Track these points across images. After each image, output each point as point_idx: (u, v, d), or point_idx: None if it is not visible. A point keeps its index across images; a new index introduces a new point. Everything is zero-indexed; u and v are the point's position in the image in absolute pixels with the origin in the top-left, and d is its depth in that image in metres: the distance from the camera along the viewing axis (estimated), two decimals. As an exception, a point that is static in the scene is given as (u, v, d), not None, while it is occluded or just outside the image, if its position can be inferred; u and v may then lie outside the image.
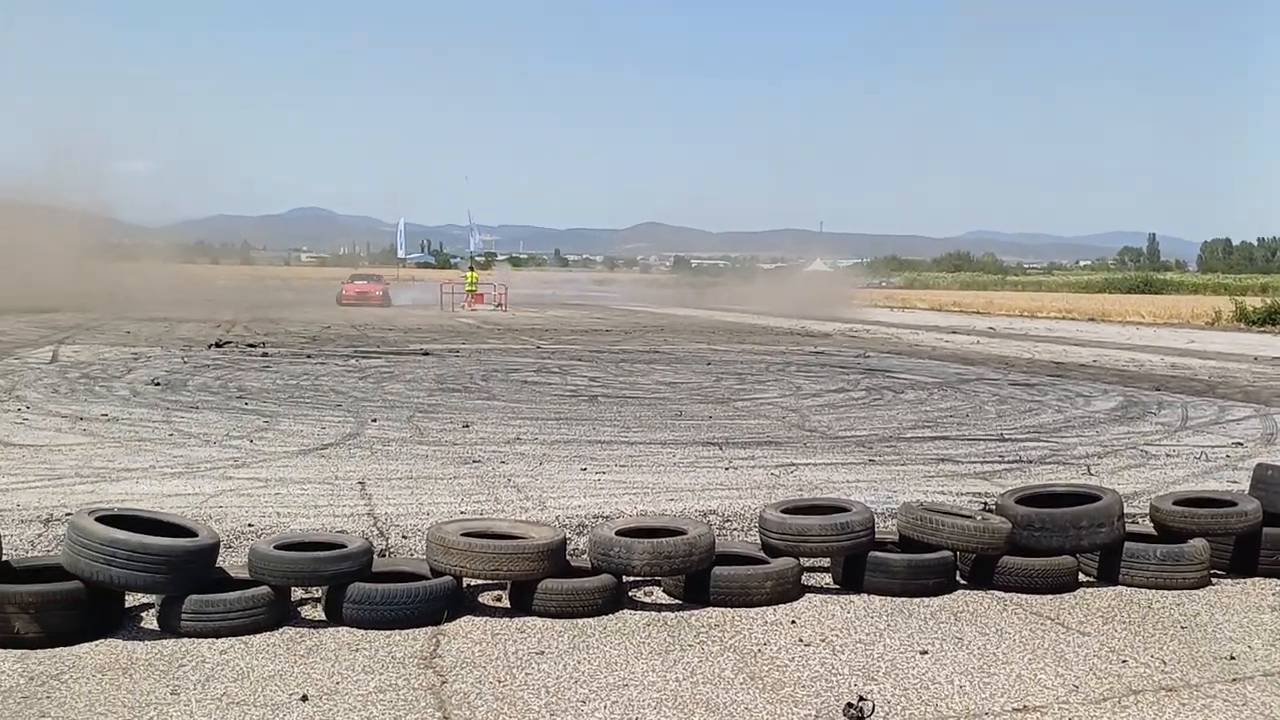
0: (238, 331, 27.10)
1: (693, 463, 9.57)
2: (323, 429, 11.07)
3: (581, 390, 15.24)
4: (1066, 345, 28.59)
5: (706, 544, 5.79)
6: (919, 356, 23.33)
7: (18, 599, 4.87)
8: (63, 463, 8.93)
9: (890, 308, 60.30)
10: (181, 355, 19.56)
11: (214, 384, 14.89)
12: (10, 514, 6.96)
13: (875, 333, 33.27)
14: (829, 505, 6.51)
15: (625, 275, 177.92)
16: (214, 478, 8.47)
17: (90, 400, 12.88)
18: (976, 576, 6.27)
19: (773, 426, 11.92)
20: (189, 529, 5.47)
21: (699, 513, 7.44)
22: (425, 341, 24.88)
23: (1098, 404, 14.67)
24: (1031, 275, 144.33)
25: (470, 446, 10.18)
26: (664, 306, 57.33)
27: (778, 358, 22.08)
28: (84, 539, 5.02)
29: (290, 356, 19.94)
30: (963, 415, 13.21)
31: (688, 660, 4.95)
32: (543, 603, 5.53)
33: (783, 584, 5.87)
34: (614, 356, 21.65)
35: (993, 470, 9.50)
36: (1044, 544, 6.25)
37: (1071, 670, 4.93)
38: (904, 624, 5.55)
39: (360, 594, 5.30)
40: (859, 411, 13.43)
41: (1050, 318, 49.72)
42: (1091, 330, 38.24)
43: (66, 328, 26.45)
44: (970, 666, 4.95)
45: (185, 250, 58.73)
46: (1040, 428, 12.24)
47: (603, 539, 5.80)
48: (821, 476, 9.04)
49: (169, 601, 5.13)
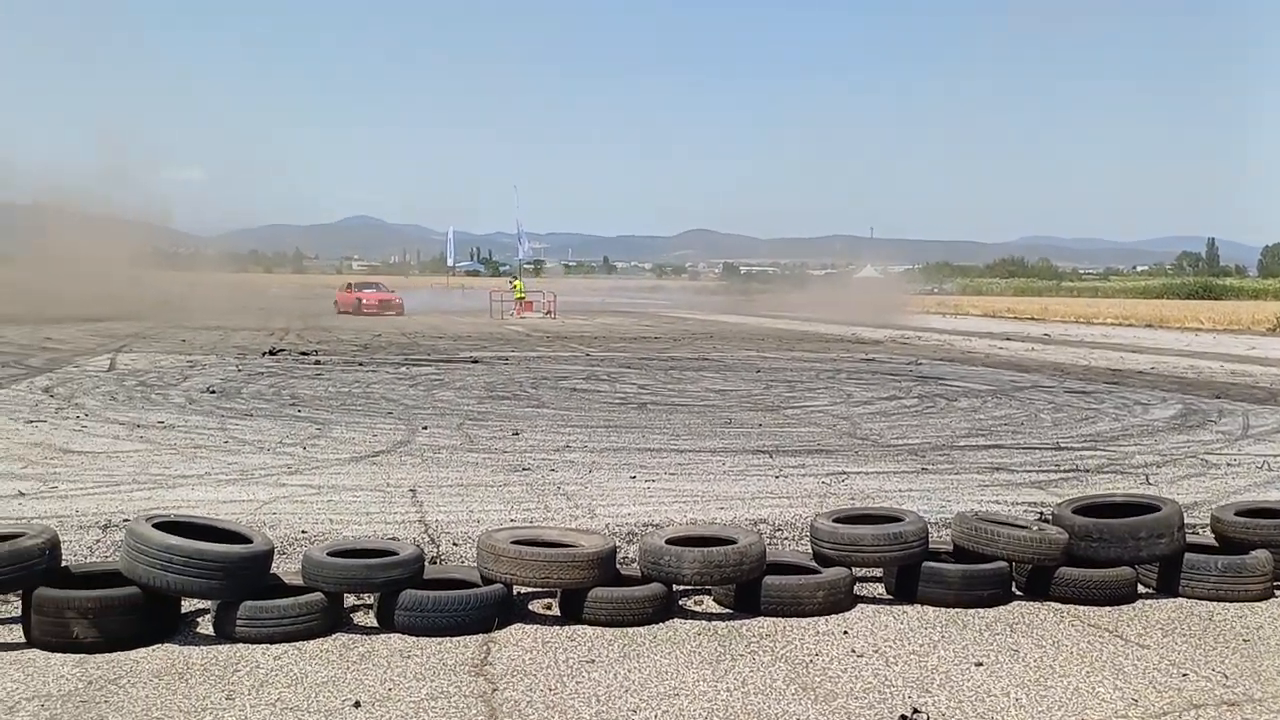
0: (290, 339, 27.43)
1: (743, 471, 9.53)
2: (374, 436, 11.16)
3: (631, 398, 15.25)
4: (1123, 352, 28.17)
5: (757, 553, 5.75)
6: (972, 363, 23.09)
7: (77, 604, 4.94)
8: (120, 469, 9.07)
9: (943, 314, 59.78)
10: (236, 363, 19.82)
11: (267, 391, 15.07)
12: (69, 520, 7.08)
13: (927, 339, 32.99)
14: (882, 514, 6.44)
15: (674, 282, 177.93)
16: (268, 484, 8.56)
17: (147, 408, 13.09)
18: (1033, 588, 6.17)
19: (823, 434, 11.84)
20: (244, 535, 5.53)
21: (749, 521, 7.41)
22: (475, 349, 25.03)
23: (1156, 412, 14.43)
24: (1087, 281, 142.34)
25: (520, 454, 10.21)
26: (713, 313, 57.24)
27: (828, 365, 21.95)
28: (142, 545, 5.08)
29: (342, 364, 20.14)
30: (1017, 423, 13.05)
31: (739, 670, 4.91)
32: (593, 611, 5.52)
33: (835, 594, 5.81)
34: (663, 364, 21.64)
35: (1048, 480, 9.37)
36: (1102, 555, 6.14)
37: (1131, 684, 4.84)
38: (959, 635, 5.47)
39: (412, 601, 5.32)
40: (911, 419, 13.31)
41: (1107, 324, 49.04)
42: (1149, 336, 37.66)
43: (123, 336, 26.90)
44: (1026, 679, 4.87)
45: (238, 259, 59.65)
46: (1097, 436, 12.06)
47: (653, 547, 5.78)
48: (873, 485, 8.97)
49: (224, 607, 5.18)
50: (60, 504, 7.66)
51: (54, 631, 4.94)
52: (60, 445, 10.21)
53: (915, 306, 63.59)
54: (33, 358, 20.12)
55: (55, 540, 5.24)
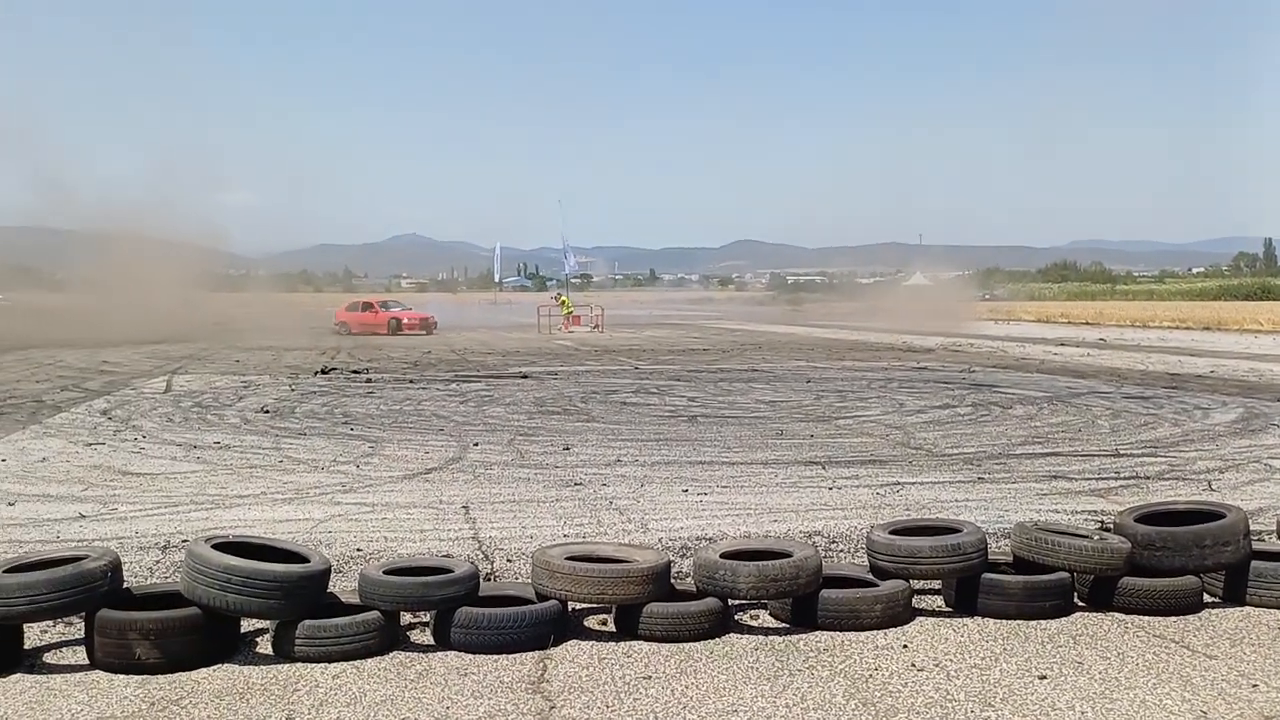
0: (342, 358, 27.68)
1: (795, 483, 9.46)
2: (426, 453, 11.21)
3: (680, 410, 15.21)
4: (1181, 355, 27.71)
5: (814, 566, 5.70)
6: (1026, 370, 22.81)
7: (139, 626, 5.01)
8: (178, 490, 9.19)
9: (995, 320, 59.18)
10: (289, 383, 20.04)
11: (321, 410, 15.21)
12: (129, 541, 7.17)
13: (980, 346, 32.65)
14: (939, 526, 6.37)
15: (721, 293, 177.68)
16: (323, 503, 8.63)
17: (203, 428, 13.26)
18: (1095, 598, 6.07)
19: (876, 445, 11.74)
20: (301, 555, 5.57)
21: (804, 534, 7.35)
22: (524, 364, 25.12)
23: (1217, 416, 14.16)
24: (1142, 284, 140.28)
25: (571, 469, 10.21)
26: (761, 324, 57.08)
27: (879, 374, 21.79)
28: (201, 566, 5.14)
29: (393, 382, 20.29)
30: (1075, 430, 12.85)
31: (797, 685, 4.86)
32: (648, 626, 5.49)
33: (893, 607, 5.75)
34: (712, 376, 21.58)
35: (1108, 487, 9.21)
36: (1166, 564, 6.03)
37: (1199, 695, 4.73)
38: (1021, 648, 5.39)
39: (468, 619, 5.33)
40: (966, 428, 13.16)
41: (1163, 327, 48.30)
42: (1207, 339, 37.01)
43: (178, 358, 27.30)
44: (1092, 692, 4.78)
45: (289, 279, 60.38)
46: (1157, 442, 11.85)
47: (707, 562, 5.75)
48: (929, 496, 8.87)
49: (283, 626, 5.23)
50: (120, 525, 7.76)
51: (117, 653, 5.00)
52: (119, 467, 10.36)
53: (967, 313, 63.00)
54: (90, 381, 20.48)
55: (117, 562, 5.31)
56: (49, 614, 5.10)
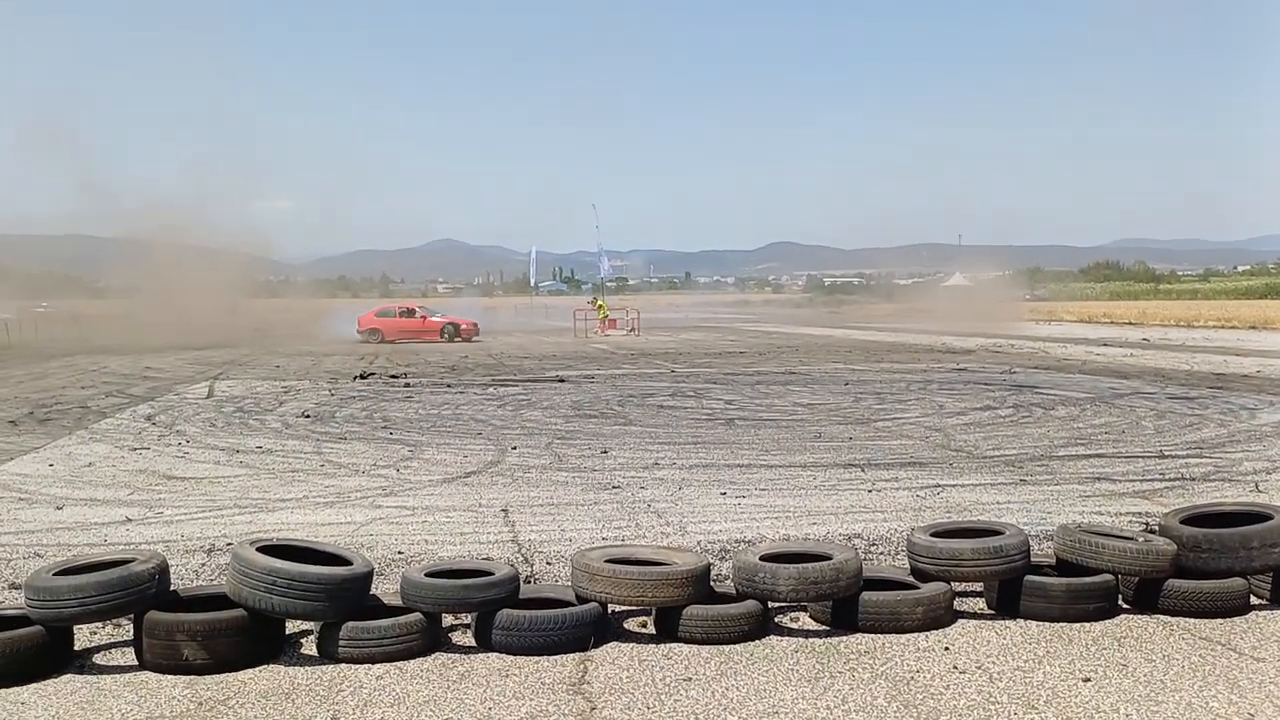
0: (380, 363, 27.87)
1: (834, 485, 9.43)
2: (465, 457, 11.28)
3: (718, 413, 15.20)
4: (1227, 355, 27.35)
5: (854, 569, 5.68)
6: (1068, 371, 22.60)
7: (186, 627, 5.08)
8: (222, 494, 9.30)
9: (1036, 320, 58.65)
10: (329, 388, 20.21)
11: (360, 415, 15.33)
12: (176, 544, 7.27)
13: (1020, 347, 32.37)
14: (980, 528, 6.33)
15: (758, 296, 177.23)
16: (364, 506, 8.70)
17: (245, 433, 13.40)
18: (1140, 600, 6.01)
19: (916, 447, 11.68)
20: (344, 557, 5.63)
21: (843, 536, 7.33)
22: (560, 368, 25.18)
23: (1264, 416, 13.96)
24: (1186, 282, 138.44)
25: (609, 472, 10.23)
26: (798, 326, 56.88)
27: (918, 376, 21.66)
28: (246, 568, 5.20)
29: (431, 386, 20.41)
30: (1118, 431, 12.72)
31: (838, 688, 4.85)
32: (688, 629, 5.50)
33: (934, 609, 5.72)
34: (749, 379, 21.54)
35: (1153, 489, 9.12)
36: (1212, 566, 5.97)
37: (1246, 698, 4.68)
38: (1064, 650, 5.34)
39: (509, 620, 5.35)
40: (1007, 429, 13.06)
41: (1208, 327, 47.66)
42: (1253, 339, 36.49)
43: (220, 363, 27.60)
44: (1137, 695, 4.73)
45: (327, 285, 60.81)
46: (1202, 443, 11.71)
47: (747, 564, 5.74)
48: (970, 498, 8.81)
49: (327, 628, 5.28)
50: (166, 529, 7.87)
51: (165, 654, 5.07)
52: (164, 472, 10.50)
53: (1008, 314, 62.48)
54: (134, 387, 20.76)
55: (164, 565, 5.39)
56: (98, 616, 5.18)
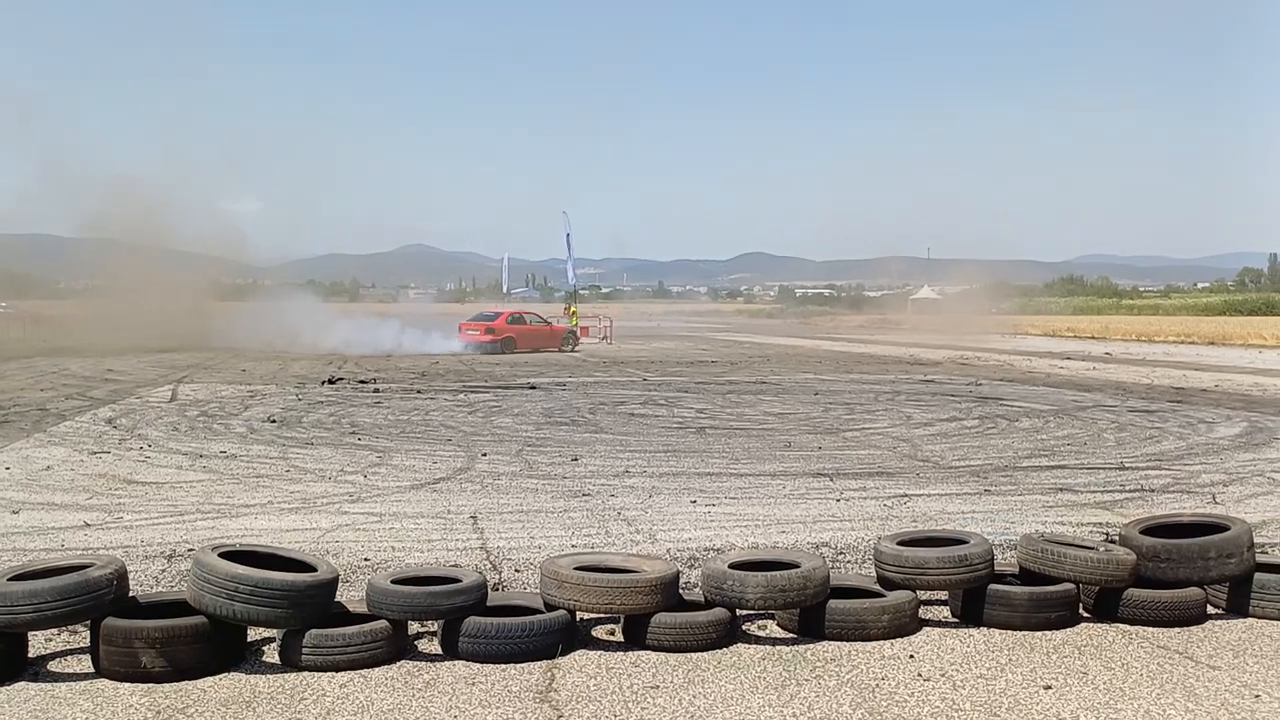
0: (349, 368, 27.71)
1: (803, 494, 9.47)
2: (434, 464, 11.23)
3: (689, 422, 15.22)
4: (1186, 370, 27.67)
5: (821, 577, 5.70)
6: (1033, 383, 22.80)
7: (145, 634, 5.00)
8: (184, 499, 9.21)
9: (1001, 334, 59.09)
10: (295, 392, 20.06)
11: (328, 420, 15.24)
12: (135, 550, 7.20)
13: (986, 360, 32.62)
14: (946, 537, 6.36)
15: (730, 306, 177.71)
16: (330, 513, 8.65)
17: (209, 438, 13.28)
18: (1101, 609, 6.07)
19: (884, 457, 11.74)
20: (308, 564, 5.57)
21: (811, 545, 7.36)
22: (531, 375, 25.14)
23: (1221, 430, 14.14)
24: (1148, 298, 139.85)
25: (579, 480, 10.22)
26: (769, 336, 57.03)
27: (886, 387, 21.78)
28: (208, 575, 5.14)
29: (400, 392, 20.31)
30: (1080, 443, 12.85)
31: (804, 695, 4.86)
32: (656, 636, 5.49)
33: (900, 617, 5.74)
34: (720, 388, 21.59)
35: (1114, 500, 9.21)
36: (1170, 576, 6.03)
37: (1202, 706, 4.73)
38: (1026, 658, 5.38)
39: (476, 628, 5.33)
40: (972, 440, 13.15)
41: (1169, 341, 48.17)
42: (1212, 354, 36.94)
43: (184, 367, 27.33)
44: (1096, 702, 4.77)
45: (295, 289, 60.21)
46: (1162, 455, 11.84)
47: (715, 572, 5.75)
48: (936, 507, 8.87)
49: (290, 636, 5.23)
50: (126, 534, 7.79)
51: (123, 661, 5.00)
52: (125, 476, 10.39)
53: (974, 327, 62.94)
54: (95, 389, 20.52)
55: (123, 570, 5.31)
56: (54, 622, 5.10)
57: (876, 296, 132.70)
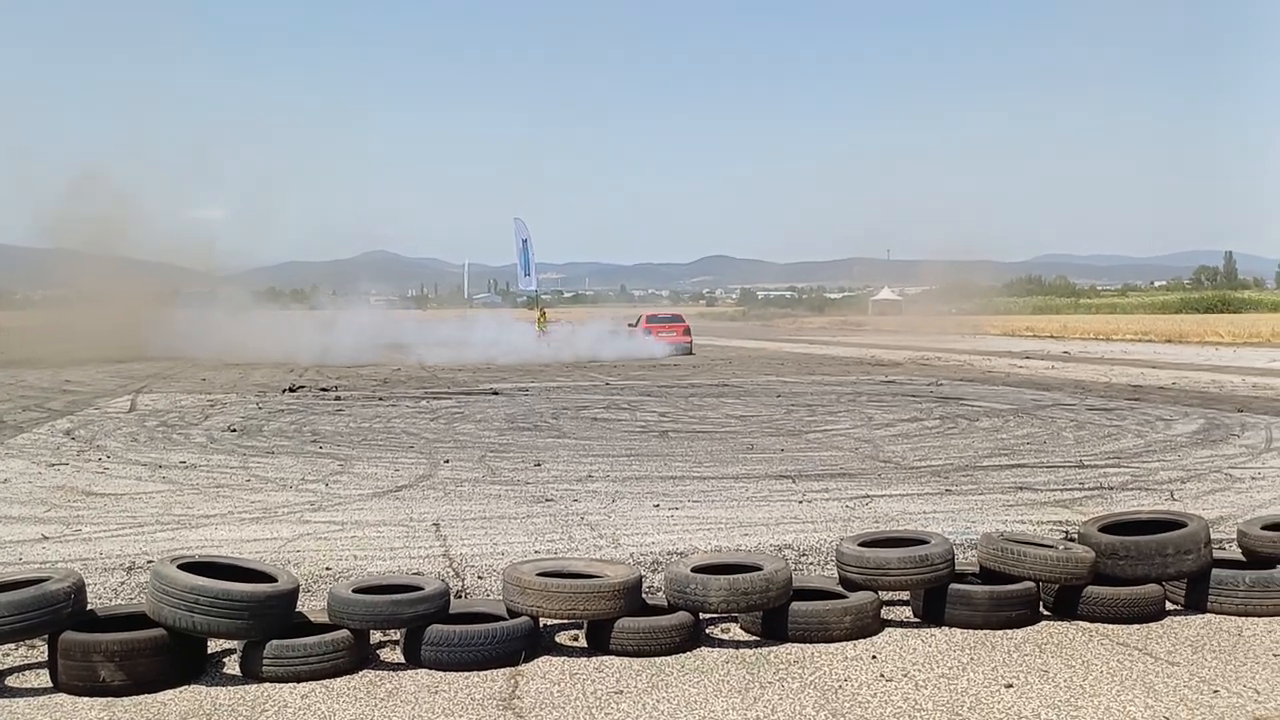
0: (310, 376, 27.50)
1: (766, 497, 9.50)
2: (396, 471, 11.18)
3: (651, 426, 15.24)
4: (1144, 368, 28.01)
5: (783, 579, 5.72)
6: (993, 383, 23.00)
7: (103, 647, 4.95)
8: (143, 510, 9.11)
9: (961, 334, 59.58)
10: (256, 401, 19.90)
11: (289, 429, 15.13)
12: (94, 562, 7.11)
13: (946, 360, 32.87)
14: (907, 537, 6.41)
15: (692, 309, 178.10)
16: (291, 522, 8.58)
17: (168, 448, 13.14)
18: (1060, 607, 6.13)
19: (846, 458, 11.80)
20: (269, 574, 5.54)
21: (774, 547, 7.39)
22: (494, 381, 25.07)
23: (1179, 427, 14.33)
24: (1105, 297, 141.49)
25: (543, 485, 10.21)
26: (732, 339, 57.19)
27: (848, 388, 21.90)
28: (167, 586, 5.10)
29: (362, 399, 20.19)
30: (1040, 442, 12.98)
31: (768, 698, 4.88)
32: (620, 641, 5.50)
33: (862, 618, 5.78)
34: (683, 391, 21.63)
35: (1073, 498, 9.31)
36: (1129, 573, 6.10)
37: (1161, 701, 4.79)
38: (988, 657, 5.43)
39: (438, 636, 5.31)
40: (933, 441, 13.25)
41: (1126, 340, 48.77)
42: (1169, 352, 37.42)
43: (143, 376, 27.02)
44: (1057, 699, 4.82)
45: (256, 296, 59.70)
46: (1120, 453, 11.98)
47: (678, 576, 5.76)
48: (897, 508, 8.93)
49: (251, 647, 5.19)
50: (84, 547, 7.69)
51: (81, 675, 4.95)
52: (83, 488, 10.26)
53: (934, 327, 63.43)
54: (53, 401, 20.25)
55: (80, 584, 5.26)
56: (11, 637, 5.04)
57: (838, 298, 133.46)
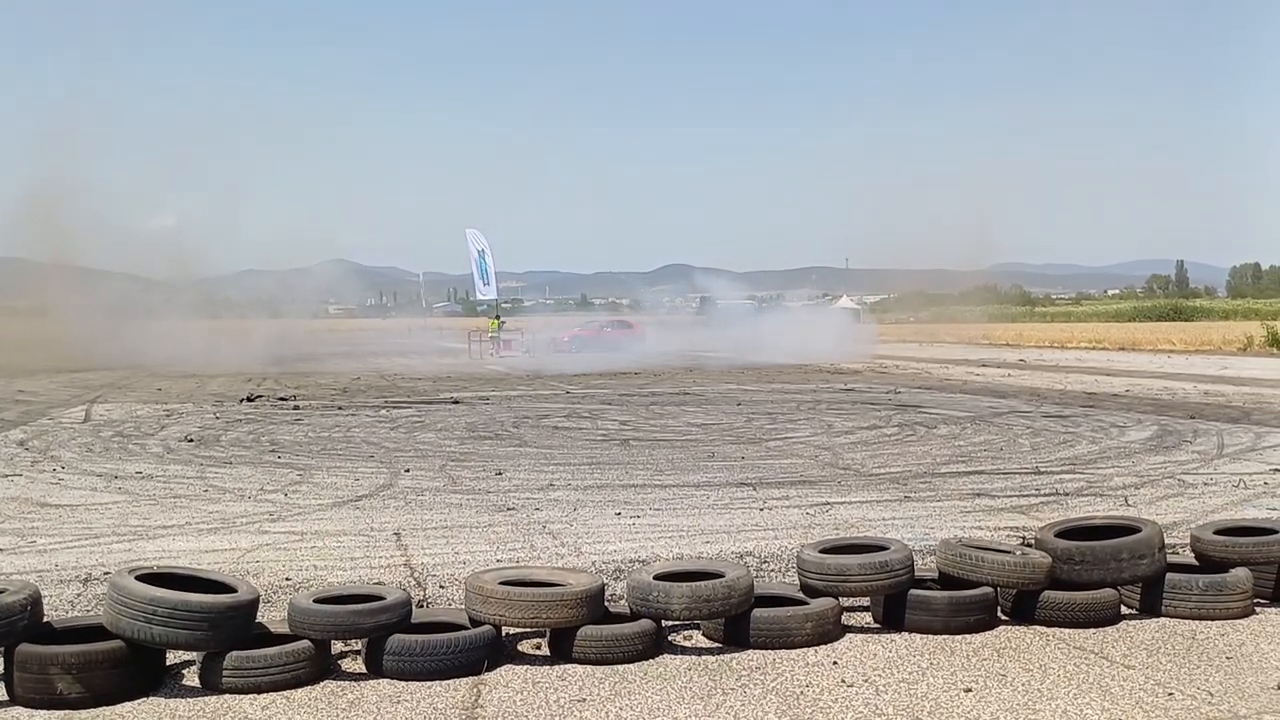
0: (268, 385, 27.27)
1: (727, 504, 9.54)
2: (356, 480, 11.11)
3: (613, 434, 15.25)
4: (1098, 375, 28.37)
5: (745, 586, 5.76)
6: (950, 391, 23.21)
7: (60, 660, 4.89)
8: (99, 522, 9.00)
9: (919, 342, 60.04)
10: (213, 410, 19.70)
11: (247, 438, 14.99)
12: (49, 574, 7.02)
13: (905, 368, 33.13)
14: (867, 544, 6.46)
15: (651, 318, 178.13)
16: (250, 532, 8.51)
17: (124, 458, 12.99)
18: (1018, 612, 6.20)
19: (806, 465, 11.87)
20: (228, 585, 5.49)
21: (735, 554, 7.42)
22: (455, 390, 24.97)
23: (1132, 434, 14.54)
24: (1060, 306, 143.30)
25: (504, 494, 10.19)
26: (693, 348, 57.24)
27: (808, 396, 22.02)
28: (125, 598, 5.04)
29: (321, 409, 20.05)
30: (997, 449, 13.12)
31: (730, 705, 4.91)
32: (582, 650, 5.50)
33: (823, 625, 5.82)
34: (644, 399, 21.65)
35: (1029, 504, 9.42)
36: (1085, 577, 6.19)
37: (1117, 704, 4.86)
38: (947, 662, 5.49)
39: (400, 646, 5.29)
40: (892, 448, 13.36)
41: (1080, 348, 49.35)
42: (1122, 359, 37.92)
43: (98, 386, 26.68)
44: (1015, 703, 4.88)
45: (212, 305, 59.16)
46: (1075, 459, 12.14)
47: (640, 584, 5.78)
48: (857, 515, 9.00)
49: (210, 658, 5.15)
50: (39, 559, 7.59)
51: (38, 688, 4.89)
52: (37, 499, 10.12)
53: (892, 335, 63.87)
54: (5, 411, 19.93)
55: (36, 596, 5.19)
56: (-34, 650, 4.98)
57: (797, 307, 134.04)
